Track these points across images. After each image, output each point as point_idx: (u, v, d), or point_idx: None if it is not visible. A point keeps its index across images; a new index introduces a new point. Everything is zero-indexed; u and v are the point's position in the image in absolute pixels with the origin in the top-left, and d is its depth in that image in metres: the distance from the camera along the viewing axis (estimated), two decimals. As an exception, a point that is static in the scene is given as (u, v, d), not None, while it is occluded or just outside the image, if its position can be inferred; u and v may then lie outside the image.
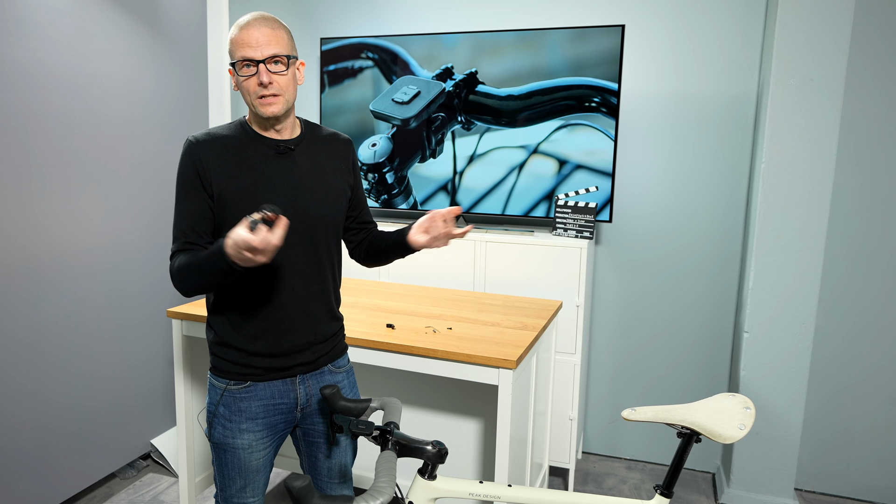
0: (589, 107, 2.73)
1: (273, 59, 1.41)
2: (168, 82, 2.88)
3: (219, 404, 1.53)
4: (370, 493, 1.09)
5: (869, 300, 2.71)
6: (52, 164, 2.36)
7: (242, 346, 1.51)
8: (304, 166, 1.52)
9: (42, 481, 2.40)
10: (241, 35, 1.41)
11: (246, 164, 1.46)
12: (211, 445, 1.57)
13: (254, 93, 1.42)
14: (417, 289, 2.63)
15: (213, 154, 1.45)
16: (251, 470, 1.56)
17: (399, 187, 3.07)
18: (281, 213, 1.26)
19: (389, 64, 3.01)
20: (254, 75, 1.41)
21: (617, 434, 3.14)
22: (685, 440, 1.49)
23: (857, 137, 2.65)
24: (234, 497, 1.58)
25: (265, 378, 1.52)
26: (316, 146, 1.56)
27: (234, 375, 1.52)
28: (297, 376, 1.56)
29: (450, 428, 2.49)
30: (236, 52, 1.42)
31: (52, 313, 2.40)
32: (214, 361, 1.55)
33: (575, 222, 2.74)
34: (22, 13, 2.21)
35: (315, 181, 1.52)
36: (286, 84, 1.44)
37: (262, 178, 1.46)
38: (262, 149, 1.48)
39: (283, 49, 1.43)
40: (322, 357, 1.59)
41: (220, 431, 1.54)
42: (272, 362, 1.52)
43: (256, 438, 1.54)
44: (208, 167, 1.44)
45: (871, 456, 2.78)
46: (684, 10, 2.80)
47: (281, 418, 1.57)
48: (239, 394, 1.52)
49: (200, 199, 1.45)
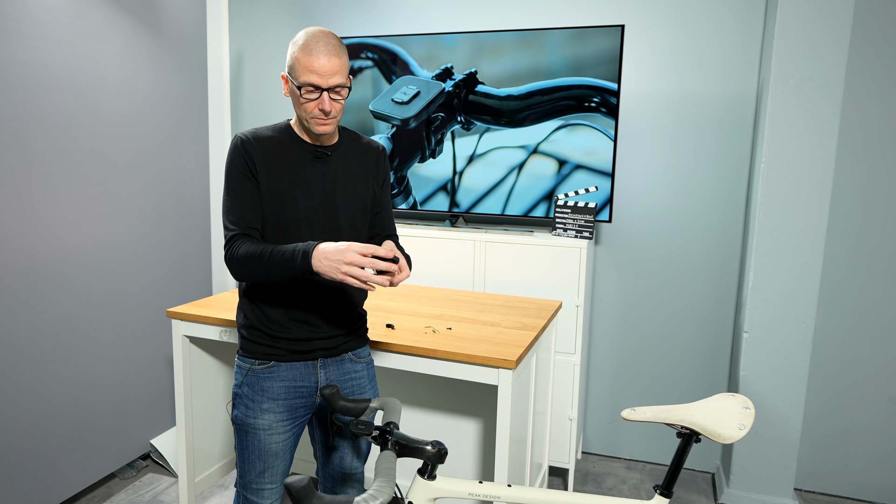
0: (588, 107, 2.73)
1: (336, 87, 1.49)
2: (167, 82, 2.88)
3: (242, 384, 1.62)
4: (370, 493, 1.09)
5: (868, 300, 2.71)
6: (51, 163, 2.36)
7: (269, 330, 1.60)
8: (337, 171, 1.61)
9: (41, 481, 2.40)
10: (311, 61, 1.46)
11: (286, 165, 1.56)
12: (234, 428, 1.64)
13: (312, 114, 1.50)
14: (417, 289, 2.63)
15: (258, 152, 1.54)
16: (270, 454, 1.62)
17: (399, 187, 3.07)
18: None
19: (389, 64, 3.01)
20: (316, 100, 1.48)
21: (616, 434, 3.14)
22: (685, 440, 1.49)
23: (857, 137, 2.65)
24: (252, 482, 1.64)
25: (288, 359, 1.61)
26: (350, 153, 1.65)
27: (259, 355, 1.60)
28: (318, 360, 1.64)
29: (449, 428, 2.49)
30: (301, 75, 1.47)
31: (52, 313, 2.40)
32: (242, 343, 1.64)
33: (574, 222, 2.74)
34: (21, 13, 2.21)
35: (345, 184, 1.62)
36: (341, 108, 1.53)
37: (298, 179, 1.56)
38: (302, 152, 1.58)
39: (345, 78, 1.51)
40: (343, 344, 1.67)
41: (242, 412, 1.61)
42: (295, 346, 1.61)
43: (277, 420, 1.61)
44: (256, 163, 1.54)
45: (871, 456, 2.78)
46: (684, 11, 2.80)
47: (301, 402, 1.64)
48: (262, 373, 1.60)
49: (253, 188, 1.54)
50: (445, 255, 2.84)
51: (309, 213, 1.56)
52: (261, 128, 1.60)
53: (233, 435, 2.71)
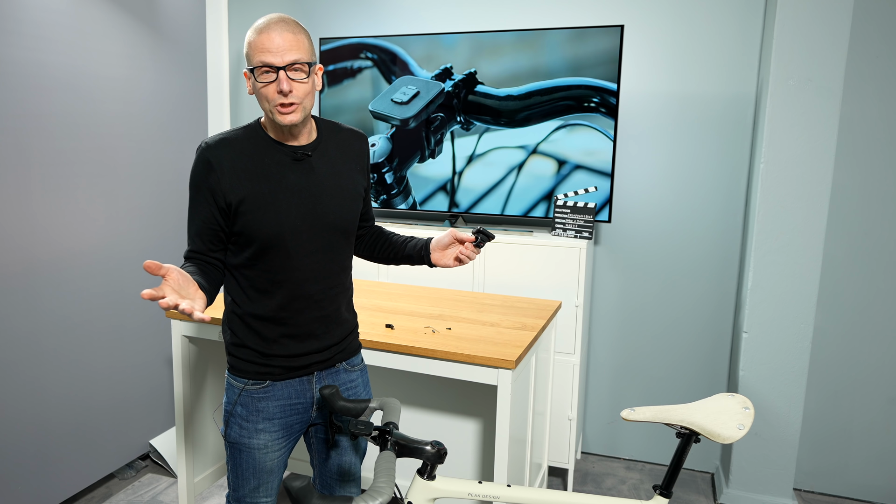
0: (588, 107, 2.73)
1: (294, 65, 1.36)
2: (167, 82, 2.88)
3: (236, 404, 1.54)
4: (369, 493, 1.09)
5: (868, 300, 2.72)
6: (50, 164, 2.36)
7: (261, 348, 1.51)
8: (321, 172, 1.49)
9: (41, 482, 2.40)
10: (261, 39, 1.35)
11: (262, 172, 1.43)
12: (226, 445, 1.58)
13: (272, 100, 1.37)
14: (416, 289, 2.63)
15: (227, 161, 1.42)
16: (265, 470, 1.57)
17: (398, 187, 3.07)
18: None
19: (388, 64, 3.01)
20: (273, 82, 1.36)
21: (616, 434, 3.15)
22: (684, 440, 1.49)
23: (856, 137, 2.65)
24: (246, 497, 1.59)
25: (283, 377, 1.53)
26: (332, 149, 1.54)
27: (253, 375, 1.52)
28: (313, 374, 1.57)
29: (449, 428, 2.49)
30: (255, 56, 1.36)
31: (51, 313, 2.40)
32: (232, 362, 1.55)
33: (574, 222, 2.74)
34: (21, 13, 2.21)
35: (332, 187, 1.51)
36: (306, 92, 1.39)
37: (280, 186, 1.44)
38: (279, 156, 1.45)
39: (305, 55, 1.38)
40: (337, 355, 1.60)
41: (236, 431, 1.54)
42: (290, 362, 1.53)
43: (272, 439, 1.54)
44: (223, 175, 1.41)
45: (870, 456, 2.78)
46: (683, 11, 2.80)
47: (297, 418, 1.58)
48: (257, 393, 1.52)
49: (208, 210, 1.43)
50: (445, 255, 2.84)
51: (294, 224, 1.44)
52: (230, 130, 1.47)
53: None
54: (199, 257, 1.46)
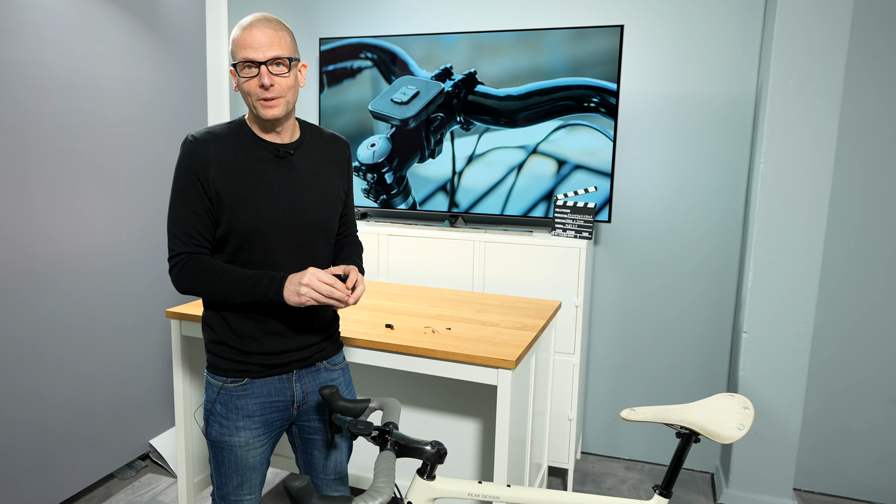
0: (588, 107, 2.73)
1: (275, 60, 1.42)
2: (167, 82, 2.87)
3: (215, 402, 1.54)
4: (369, 493, 1.09)
5: (867, 300, 2.72)
6: (50, 164, 2.36)
7: (239, 345, 1.52)
8: (302, 171, 1.53)
9: (41, 482, 2.40)
10: (243, 36, 1.41)
11: (245, 167, 1.46)
12: (208, 443, 1.58)
13: (255, 95, 1.42)
14: (416, 289, 2.63)
15: (212, 154, 1.45)
16: (248, 468, 1.57)
17: (398, 187, 3.07)
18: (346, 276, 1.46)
19: (388, 64, 3.01)
20: (255, 77, 1.41)
21: (616, 434, 3.15)
22: (684, 440, 1.49)
23: (856, 137, 2.65)
24: (231, 495, 1.59)
25: (262, 375, 1.54)
26: (314, 150, 1.57)
27: (231, 373, 1.53)
28: (293, 372, 1.57)
29: (449, 428, 2.49)
30: (238, 52, 1.42)
31: (51, 314, 2.40)
32: (211, 359, 1.56)
33: (574, 222, 2.74)
34: (20, 13, 2.21)
35: (313, 186, 1.54)
36: (287, 86, 1.44)
37: (261, 182, 1.47)
38: (262, 152, 1.49)
39: (286, 51, 1.44)
40: (317, 353, 1.61)
41: (216, 429, 1.54)
42: (268, 360, 1.53)
43: (253, 436, 1.55)
44: (208, 168, 1.44)
45: (870, 456, 2.78)
46: (683, 11, 2.80)
47: (277, 416, 1.58)
48: (236, 391, 1.53)
49: (200, 201, 1.45)
50: (445, 255, 2.84)
51: (274, 219, 1.47)
52: (215, 125, 1.51)
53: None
54: (203, 252, 1.47)
